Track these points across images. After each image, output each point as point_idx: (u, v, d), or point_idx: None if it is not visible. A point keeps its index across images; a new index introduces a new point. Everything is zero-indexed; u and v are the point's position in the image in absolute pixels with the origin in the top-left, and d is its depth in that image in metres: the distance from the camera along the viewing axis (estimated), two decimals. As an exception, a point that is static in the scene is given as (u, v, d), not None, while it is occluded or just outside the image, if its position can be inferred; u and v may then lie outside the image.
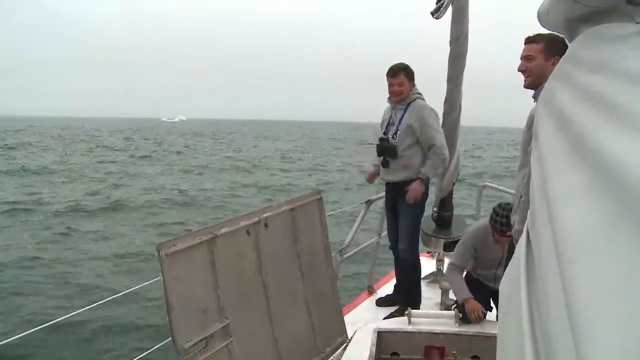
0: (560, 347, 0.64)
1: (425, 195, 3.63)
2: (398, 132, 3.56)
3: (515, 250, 1.13)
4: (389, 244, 3.94)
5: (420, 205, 3.64)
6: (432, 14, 3.41)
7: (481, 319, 2.84)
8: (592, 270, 0.57)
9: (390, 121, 3.66)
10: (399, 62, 3.67)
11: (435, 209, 4.00)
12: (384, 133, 3.68)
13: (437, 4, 3.37)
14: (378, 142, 3.69)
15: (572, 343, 0.57)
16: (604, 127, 0.66)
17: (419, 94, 3.64)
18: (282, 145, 48.43)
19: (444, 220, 3.95)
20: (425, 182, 3.57)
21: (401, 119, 3.56)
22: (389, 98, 3.69)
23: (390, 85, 3.59)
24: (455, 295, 3.15)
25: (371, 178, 3.85)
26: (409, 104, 3.58)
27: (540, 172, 0.85)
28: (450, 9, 3.37)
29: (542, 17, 1.07)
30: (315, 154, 37.82)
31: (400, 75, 3.53)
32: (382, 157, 3.65)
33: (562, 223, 0.68)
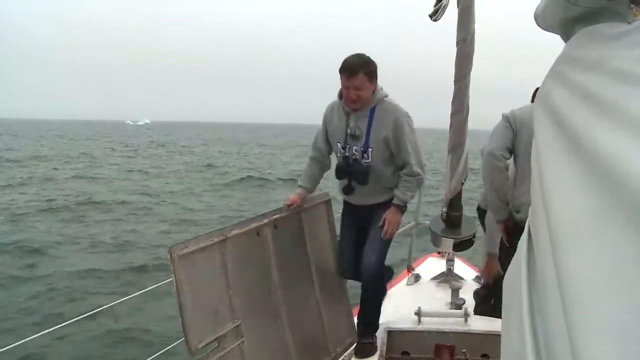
0: (558, 338, 0.67)
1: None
2: (369, 149, 2.68)
3: (518, 244, 1.15)
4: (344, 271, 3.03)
5: None
6: (431, 16, 3.39)
7: (487, 283, 2.75)
8: (582, 259, 0.60)
9: (350, 132, 2.72)
10: (355, 53, 2.66)
11: (444, 209, 4.00)
12: (343, 148, 2.76)
13: (435, 6, 3.35)
14: (341, 163, 2.79)
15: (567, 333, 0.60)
16: (597, 124, 0.69)
17: (381, 89, 2.73)
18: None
19: (453, 220, 3.96)
20: (403, 210, 2.78)
21: (368, 129, 2.68)
22: (342, 99, 2.74)
23: (345, 87, 2.64)
24: (486, 243, 2.83)
25: (290, 203, 2.77)
26: (374, 107, 2.69)
27: (537, 167, 0.88)
28: (446, 11, 3.34)
29: (538, 18, 1.09)
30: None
31: (359, 76, 2.58)
32: (344, 181, 2.79)
33: (556, 214, 0.70)
